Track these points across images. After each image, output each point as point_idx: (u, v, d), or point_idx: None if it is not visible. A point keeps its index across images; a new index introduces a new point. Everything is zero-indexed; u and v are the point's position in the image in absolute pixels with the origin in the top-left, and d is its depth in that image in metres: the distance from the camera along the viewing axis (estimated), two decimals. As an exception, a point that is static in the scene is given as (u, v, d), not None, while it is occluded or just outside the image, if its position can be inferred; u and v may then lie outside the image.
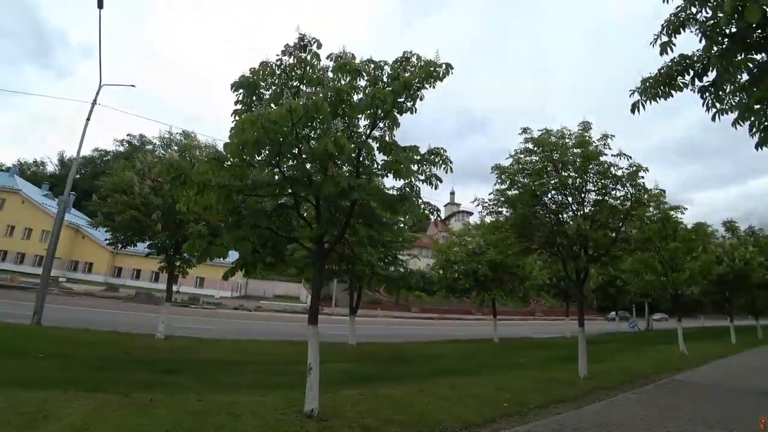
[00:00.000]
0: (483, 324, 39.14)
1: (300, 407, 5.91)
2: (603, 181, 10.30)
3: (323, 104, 5.49)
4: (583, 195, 10.53)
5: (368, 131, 7.02)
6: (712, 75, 4.80)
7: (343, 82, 6.51)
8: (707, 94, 4.70)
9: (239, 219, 6.22)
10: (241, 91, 6.77)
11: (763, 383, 10.31)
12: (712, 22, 4.36)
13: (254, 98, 6.82)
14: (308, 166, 6.42)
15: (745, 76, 4.33)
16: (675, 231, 16.36)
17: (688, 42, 4.91)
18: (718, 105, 5.05)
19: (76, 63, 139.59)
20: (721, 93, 4.67)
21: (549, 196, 10.71)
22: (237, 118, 6.17)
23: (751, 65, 4.22)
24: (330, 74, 6.73)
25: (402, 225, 16.26)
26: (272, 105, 6.25)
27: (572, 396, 8.02)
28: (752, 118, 4.33)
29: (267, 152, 5.84)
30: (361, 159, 6.65)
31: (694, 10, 4.53)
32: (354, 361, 12.69)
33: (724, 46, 4.19)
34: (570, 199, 10.62)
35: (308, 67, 6.72)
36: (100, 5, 14.43)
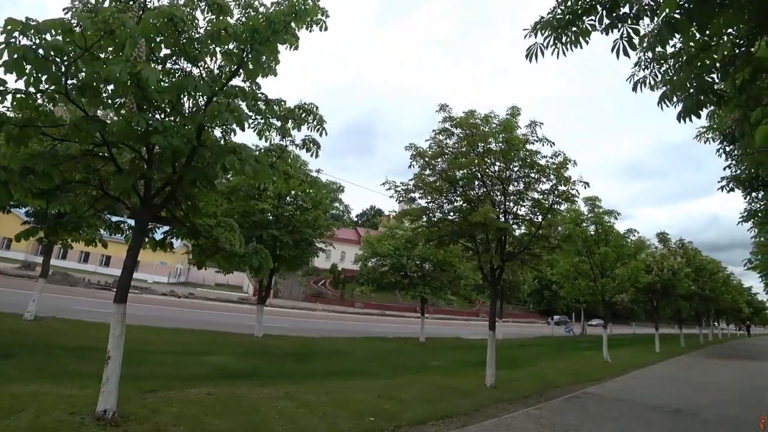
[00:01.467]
0: (428, 324, 38.52)
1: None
2: (526, 170, 9.31)
3: (130, 24, 4.12)
4: (505, 186, 9.50)
5: (228, 78, 5.92)
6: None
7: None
8: (616, 30, 3.59)
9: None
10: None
11: (678, 397, 9.68)
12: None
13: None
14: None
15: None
16: (607, 235, 15.92)
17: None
18: (632, 54, 3.99)
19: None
20: (632, 34, 3.57)
21: (472, 185, 9.62)
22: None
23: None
24: (200, 16, 5.55)
25: (320, 212, 15.09)
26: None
27: (464, 410, 6.93)
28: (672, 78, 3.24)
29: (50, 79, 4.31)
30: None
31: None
32: (244, 354, 11.49)
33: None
34: (493, 189, 9.57)
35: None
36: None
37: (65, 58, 4.26)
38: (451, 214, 9.36)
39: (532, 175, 9.39)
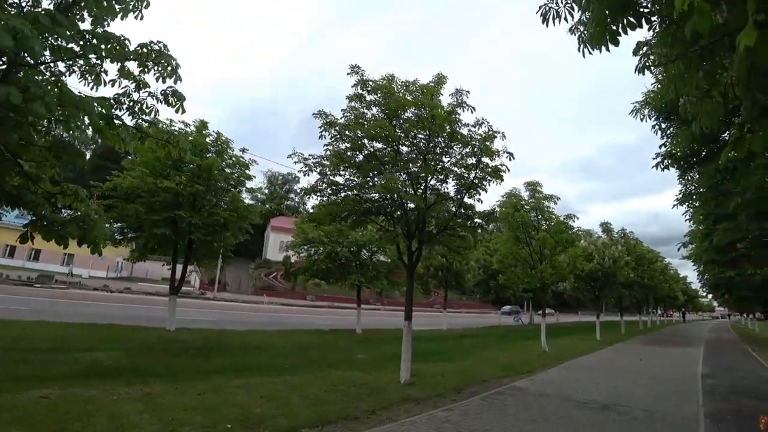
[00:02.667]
0: (373, 314, 37.79)
1: None
2: (449, 141, 8.31)
3: None
4: (427, 160, 8.45)
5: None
6: None
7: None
8: None
9: None
10: None
11: (609, 389, 9.06)
12: None
13: None
14: None
15: None
16: (547, 221, 15.39)
17: None
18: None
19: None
20: None
21: (395, 160, 8.50)
22: None
23: None
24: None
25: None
26: None
27: (359, 413, 5.88)
28: None
29: None
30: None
31: None
32: (139, 350, 10.22)
33: None
34: (414, 163, 8.51)
35: None
36: None
37: None
38: (365, 189, 8.25)
39: (456, 148, 8.43)
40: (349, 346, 14.02)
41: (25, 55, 4.45)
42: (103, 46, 5.17)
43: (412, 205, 8.37)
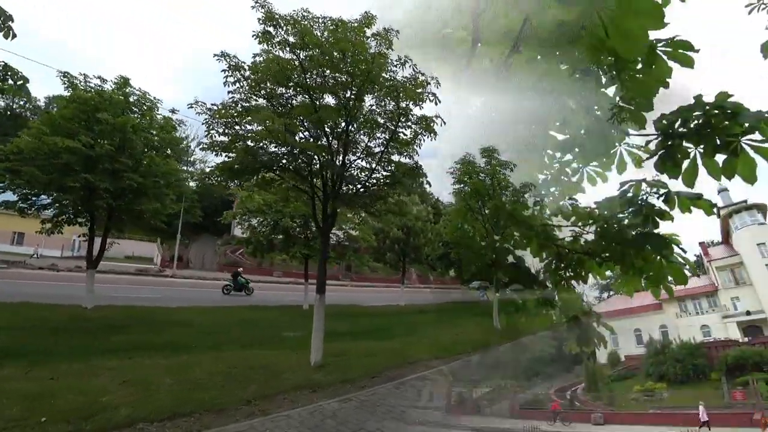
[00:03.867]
0: (339, 290, 36.85)
1: None
2: (373, 86, 7.11)
3: None
4: (349, 110, 7.24)
5: None
6: None
7: None
8: None
9: None
10: None
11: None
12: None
13: None
14: None
15: None
16: (503, 189, 14.45)
17: None
18: None
19: None
20: None
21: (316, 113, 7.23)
22: None
23: None
24: None
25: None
26: None
27: (233, 401, 4.94)
28: None
29: None
30: None
31: None
32: (31, 329, 9.23)
33: None
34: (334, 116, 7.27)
35: None
36: None
37: None
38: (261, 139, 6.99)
39: (379, 93, 7.25)
40: (284, 323, 12.96)
41: None
42: None
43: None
